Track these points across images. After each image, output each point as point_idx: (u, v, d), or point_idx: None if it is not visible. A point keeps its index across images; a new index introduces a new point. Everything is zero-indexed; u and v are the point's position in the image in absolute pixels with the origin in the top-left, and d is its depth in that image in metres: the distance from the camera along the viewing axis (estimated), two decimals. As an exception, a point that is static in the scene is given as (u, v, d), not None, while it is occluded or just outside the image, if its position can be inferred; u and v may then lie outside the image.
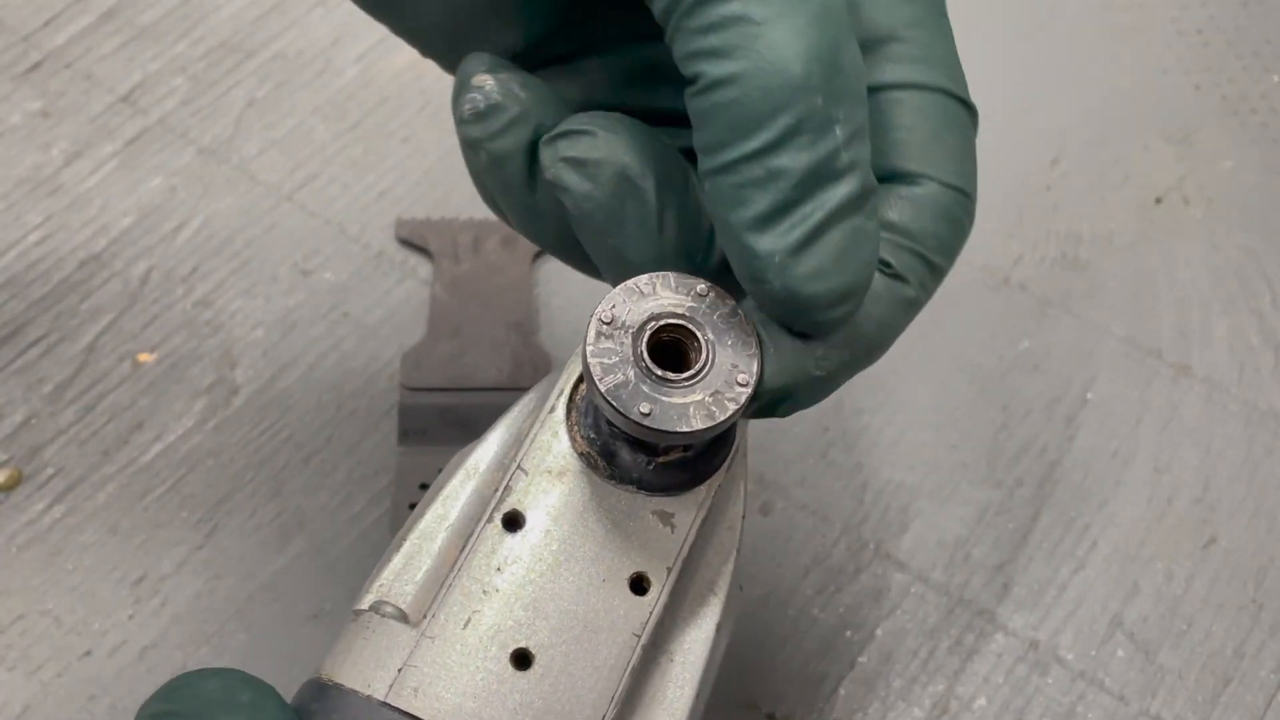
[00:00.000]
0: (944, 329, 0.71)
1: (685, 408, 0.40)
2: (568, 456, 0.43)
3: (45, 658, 0.61)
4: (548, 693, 0.41)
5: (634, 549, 0.43)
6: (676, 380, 0.40)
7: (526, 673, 0.41)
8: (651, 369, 0.40)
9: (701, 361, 0.41)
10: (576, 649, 0.41)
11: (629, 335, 0.40)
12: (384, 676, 0.40)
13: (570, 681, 0.41)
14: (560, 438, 0.44)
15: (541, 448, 0.43)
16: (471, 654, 0.41)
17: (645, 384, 0.40)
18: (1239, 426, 0.69)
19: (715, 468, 0.44)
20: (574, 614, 0.42)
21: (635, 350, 0.40)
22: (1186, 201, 0.77)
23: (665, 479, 0.43)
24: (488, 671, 0.41)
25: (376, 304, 0.71)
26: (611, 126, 0.41)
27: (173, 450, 0.66)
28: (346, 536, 0.64)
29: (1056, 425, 0.69)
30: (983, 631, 0.63)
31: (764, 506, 0.66)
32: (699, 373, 0.40)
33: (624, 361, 0.40)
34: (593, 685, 0.41)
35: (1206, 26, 0.85)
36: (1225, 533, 0.66)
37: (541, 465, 0.43)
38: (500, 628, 0.41)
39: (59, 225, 0.73)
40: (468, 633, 0.41)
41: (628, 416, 0.39)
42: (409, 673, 0.40)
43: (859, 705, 0.61)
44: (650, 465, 0.43)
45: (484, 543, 0.42)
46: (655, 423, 0.39)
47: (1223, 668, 0.62)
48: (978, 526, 0.66)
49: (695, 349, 0.41)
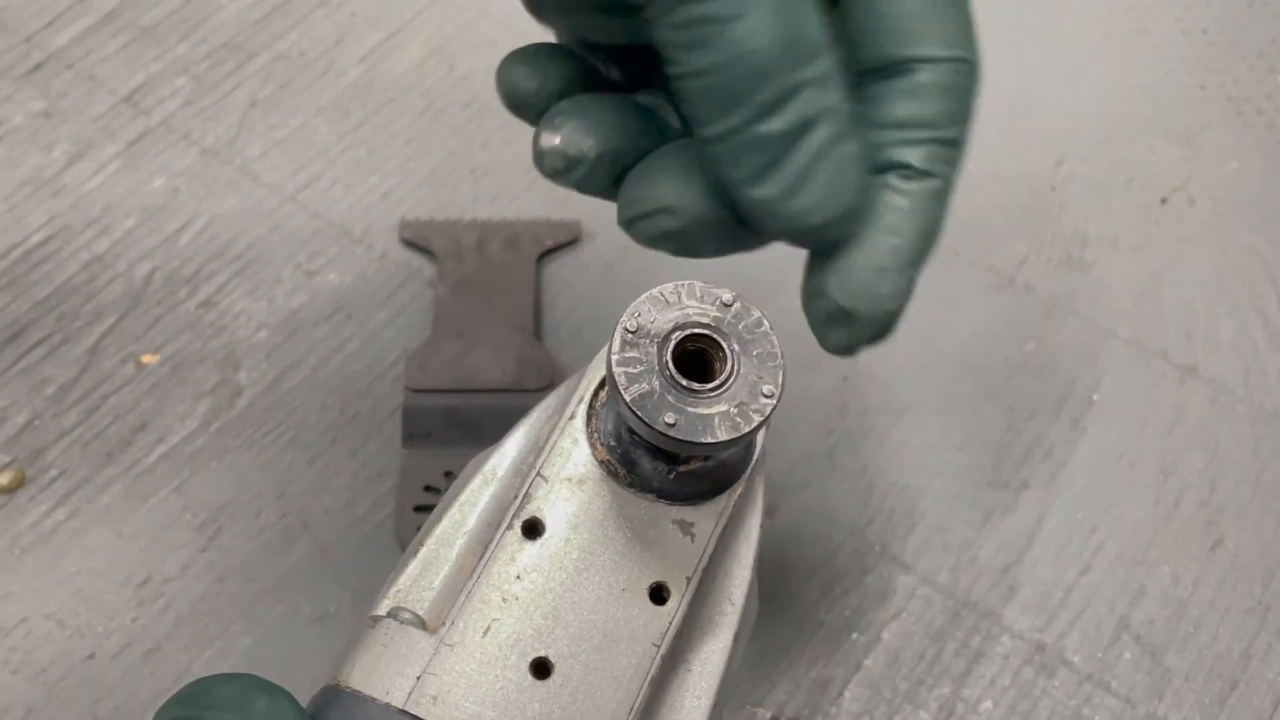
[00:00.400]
0: (949, 330, 0.71)
1: (710, 418, 0.40)
2: (588, 464, 0.43)
3: (49, 660, 0.61)
4: (567, 702, 0.41)
5: (654, 558, 0.42)
6: (702, 391, 0.40)
7: (546, 682, 0.41)
8: (677, 379, 0.40)
9: (727, 372, 0.40)
10: (596, 658, 0.41)
11: (654, 344, 0.40)
12: (403, 684, 0.40)
13: (589, 691, 0.41)
14: (580, 445, 0.43)
15: (561, 455, 0.43)
16: (491, 662, 0.41)
17: (670, 394, 0.40)
18: (1245, 428, 0.69)
19: (736, 477, 0.44)
20: (593, 623, 0.42)
21: (660, 360, 0.40)
22: (1192, 202, 0.77)
23: (686, 488, 0.43)
24: (507, 680, 0.41)
25: (380, 306, 0.71)
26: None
27: (176, 452, 0.66)
28: (351, 539, 0.64)
29: (1062, 427, 0.69)
30: (989, 634, 0.63)
31: (769, 509, 0.66)
32: (724, 384, 0.40)
33: (649, 371, 0.40)
34: (612, 695, 0.41)
35: (1211, 27, 0.85)
36: (1232, 535, 0.66)
37: (561, 472, 0.43)
38: (520, 636, 0.41)
39: (61, 226, 0.73)
40: (487, 641, 0.41)
41: (653, 427, 0.39)
42: (428, 680, 0.40)
43: (865, 709, 0.61)
44: (671, 474, 0.43)
45: (503, 550, 0.42)
46: (680, 433, 0.39)
47: (1229, 670, 0.62)
48: (984, 529, 0.66)
49: (720, 359, 0.41)
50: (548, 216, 0.74)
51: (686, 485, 0.43)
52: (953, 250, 0.74)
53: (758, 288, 0.69)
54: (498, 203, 0.75)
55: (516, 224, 0.73)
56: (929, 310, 0.72)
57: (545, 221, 0.74)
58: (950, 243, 0.74)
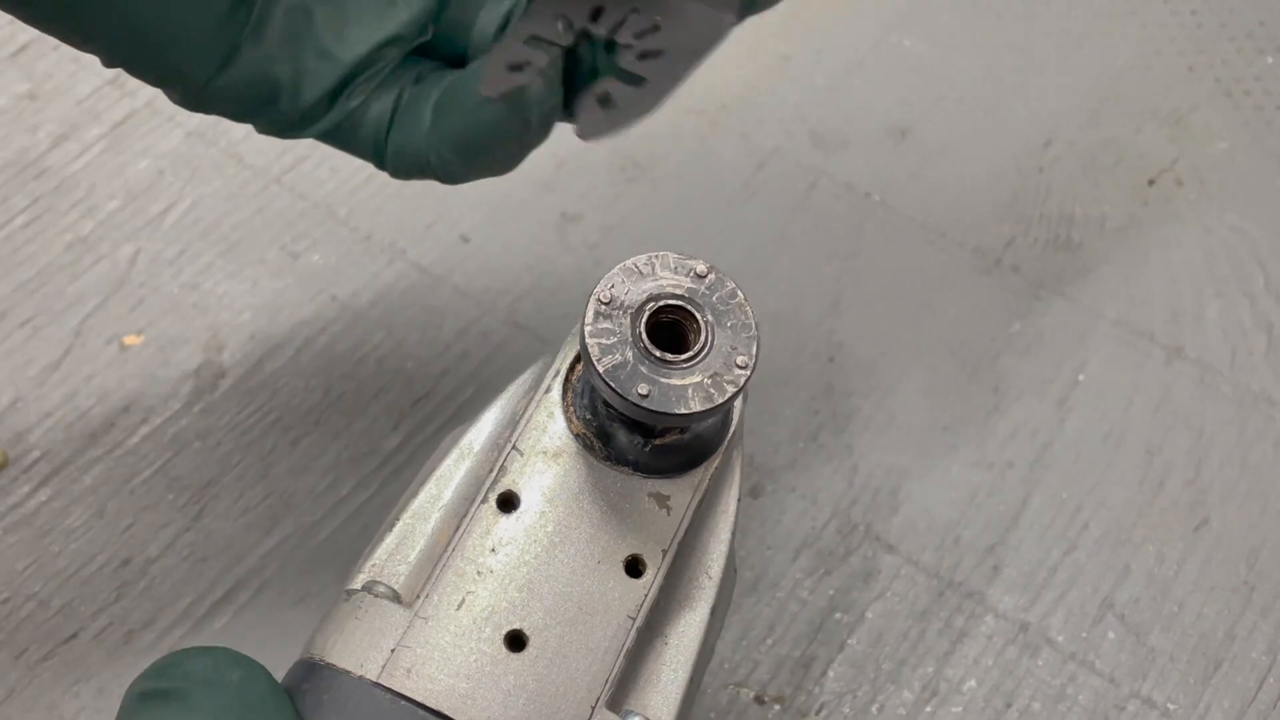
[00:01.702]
0: (935, 311, 0.71)
1: (684, 389, 0.40)
2: (563, 437, 0.43)
3: (31, 640, 0.60)
4: (542, 674, 0.41)
5: (629, 531, 0.42)
6: (675, 362, 0.40)
7: (521, 654, 0.41)
8: (650, 350, 0.40)
9: (701, 343, 0.40)
10: (571, 631, 0.41)
11: (628, 316, 0.40)
12: (376, 657, 0.40)
13: (564, 663, 0.41)
14: (556, 418, 0.43)
15: (537, 428, 0.43)
16: (465, 635, 0.41)
17: (644, 365, 0.39)
18: (1231, 409, 0.69)
19: (712, 450, 0.44)
20: (569, 595, 0.41)
21: (634, 331, 0.40)
22: (1179, 183, 0.77)
23: (662, 461, 0.43)
24: (481, 653, 0.40)
25: (365, 287, 0.71)
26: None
27: (160, 433, 0.66)
28: (334, 520, 0.64)
29: (1048, 407, 0.69)
30: (973, 614, 0.63)
31: (754, 489, 0.65)
32: (698, 354, 0.40)
33: (622, 342, 0.40)
34: (587, 667, 0.41)
35: (1200, 8, 0.84)
36: (1217, 515, 0.66)
37: (537, 446, 0.43)
38: (494, 609, 0.41)
39: (46, 208, 0.72)
40: (461, 614, 0.41)
41: (626, 398, 0.39)
42: (402, 653, 0.40)
43: (848, 687, 0.61)
44: (647, 447, 0.43)
45: (478, 523, 0.42)
46: (654, 404, 0.39)
47: (1214, 650, 0.62)
48: (968, 509, 0.66)
49: (694, 330, 0.41)
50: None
51: (662, 458, 0.43)
52: (939, 231, 0.73)
53: (744, 268, 0.69)
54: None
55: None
56: (915, 291, 0.72)
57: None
58: (937, 224, 0.74)
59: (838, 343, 0.70)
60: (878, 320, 0.71)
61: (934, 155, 0.77)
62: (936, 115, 0.78)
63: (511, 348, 0.69)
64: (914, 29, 0.82)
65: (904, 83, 0.80)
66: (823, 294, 0.71)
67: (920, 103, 0.79)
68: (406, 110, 0.47)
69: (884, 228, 0.74)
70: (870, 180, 0.76)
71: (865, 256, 0.73)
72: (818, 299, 0.71)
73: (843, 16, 0.83)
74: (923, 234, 0.74)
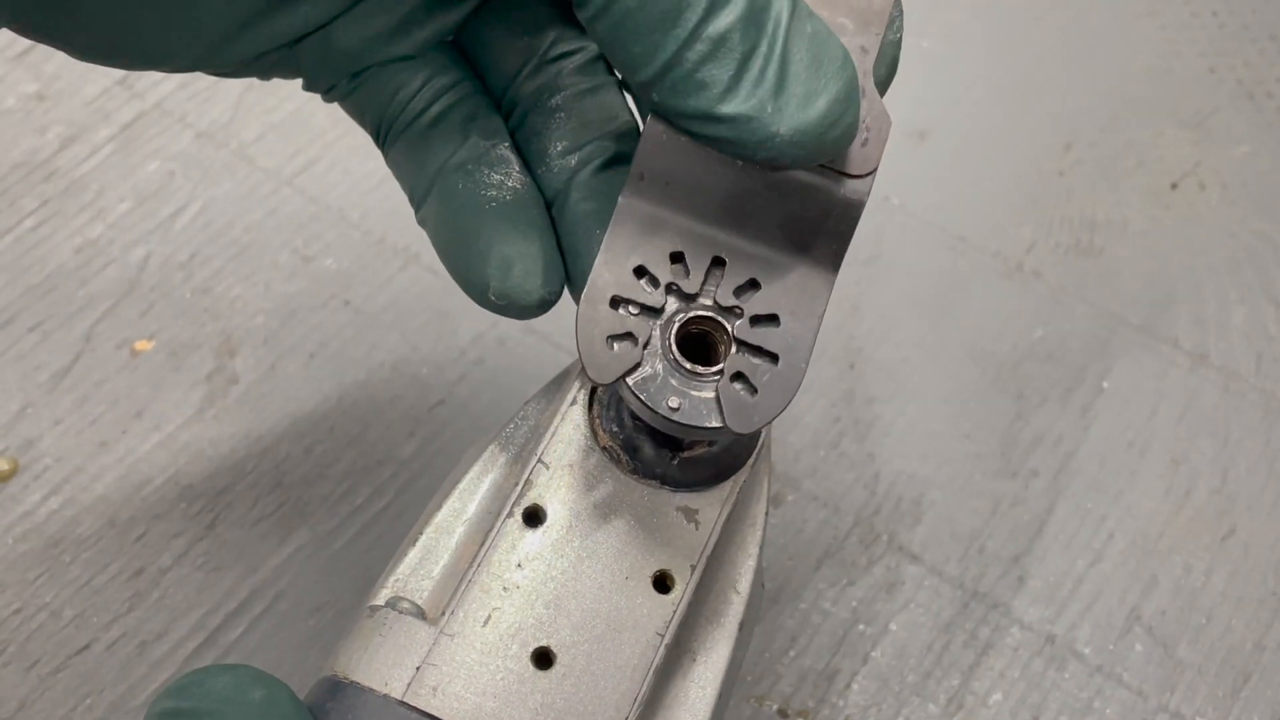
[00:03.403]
0: (956, 317, 0.70)
1: (714, 402, 0.39)
2: (590, 450, 0.42)
3: (43, 652, 0.60)
4: (569, 693, 0.40)
5: (657, 546, 0.41)
6: (706, 374, 0.39)
7: (548, 672, 0.40)
8: (680, 362, 0.39)
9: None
10: (599, 648, 0.40)
11: (658, 328, 0.39)
12: (402, 675, 0.39)
13: (592, 681, 0.40)
14: (582, 431, 0.42)
15: (563, 441, 0.42)
16: (491, 653, 0.40)
17: (674, 378, 0.39)
18: (1257, 416, 0.68)
19: (740, 463, 0.43)
20: (596, 612, 0.41)
21: (664, 343, 0.39)
22: (1202, 187, 0.76)
23: (689, 474, 0.42)
24: (508, 671, 0.40)
25: (378, 291, 0.70)
26: None
27: (172, 440, 0.65)
28: (350, 528, 0.63)
29: (1072, 415, 0.68)
30: (998, 625, 0.62)
31: (775, 498, 0.65)
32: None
33: (652, 354, 0.39)
34: (615, 685, 0.40)
35: (1221, 10, 0.84)
36: (1244, 524, 0.65)
37: (563, 459, 0.42)
38: (521, 626, 0.40)
39: (55, 210, 0.72)
40: (488, 631, 0.40)
41: (656, 411, 0.38)
42: (428, 671, 0.39)
43: (872, 701, 0.60)
44: (674, 460, 0.42)
45: (504, 538, 0.41)
46: (684, 418, 0.38)
47: (1242, 662, 0.61)
48: (992, 518, 0.65)
49: (724, 342, 0.40)
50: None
51: (690, 471, 0.42)
52: (960, 236, 0.73)
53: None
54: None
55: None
56: (936, 297, 0.71)
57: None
58: (957, 229, 0.73)
59: (858, 348, 0.69)
60: (898, 326, 0.70)
61: (953, 158, 0.76)
62: (956, 118, 0.78)
63: (527, 354, 0.68)
64: (933, 31, 0.81)
65: (923, 85, 0.79)
66: (842, 299, 0.70)
67: (939, 105, 0.78)
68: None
69: (903, 231, 0.73)
70: (889, 183, 0.75)
71: (884, 261, 0.72)
72: (837, 304, 0.70)
73: (860, 18, 0.82)
74: (942, 238, 0.73)
